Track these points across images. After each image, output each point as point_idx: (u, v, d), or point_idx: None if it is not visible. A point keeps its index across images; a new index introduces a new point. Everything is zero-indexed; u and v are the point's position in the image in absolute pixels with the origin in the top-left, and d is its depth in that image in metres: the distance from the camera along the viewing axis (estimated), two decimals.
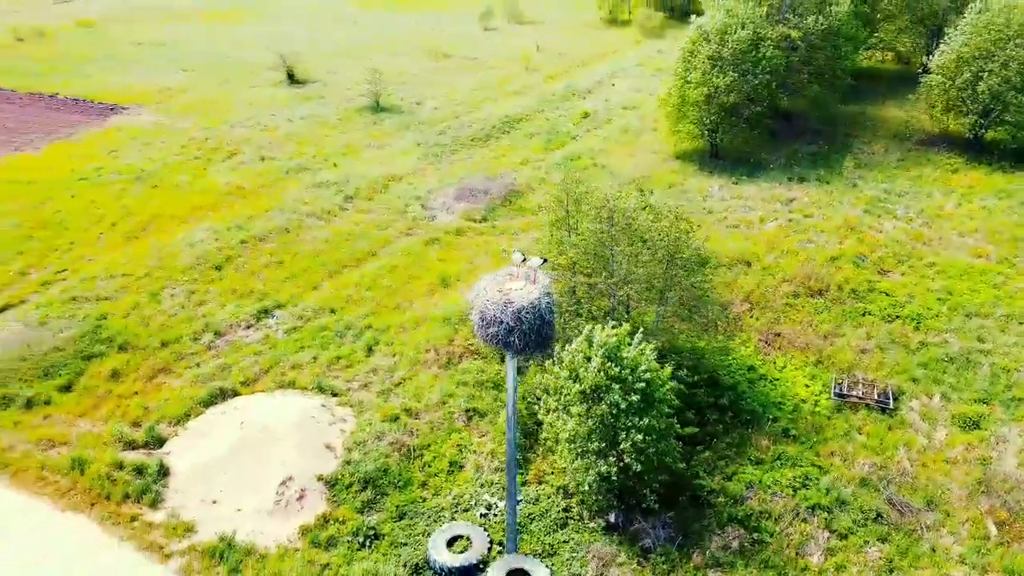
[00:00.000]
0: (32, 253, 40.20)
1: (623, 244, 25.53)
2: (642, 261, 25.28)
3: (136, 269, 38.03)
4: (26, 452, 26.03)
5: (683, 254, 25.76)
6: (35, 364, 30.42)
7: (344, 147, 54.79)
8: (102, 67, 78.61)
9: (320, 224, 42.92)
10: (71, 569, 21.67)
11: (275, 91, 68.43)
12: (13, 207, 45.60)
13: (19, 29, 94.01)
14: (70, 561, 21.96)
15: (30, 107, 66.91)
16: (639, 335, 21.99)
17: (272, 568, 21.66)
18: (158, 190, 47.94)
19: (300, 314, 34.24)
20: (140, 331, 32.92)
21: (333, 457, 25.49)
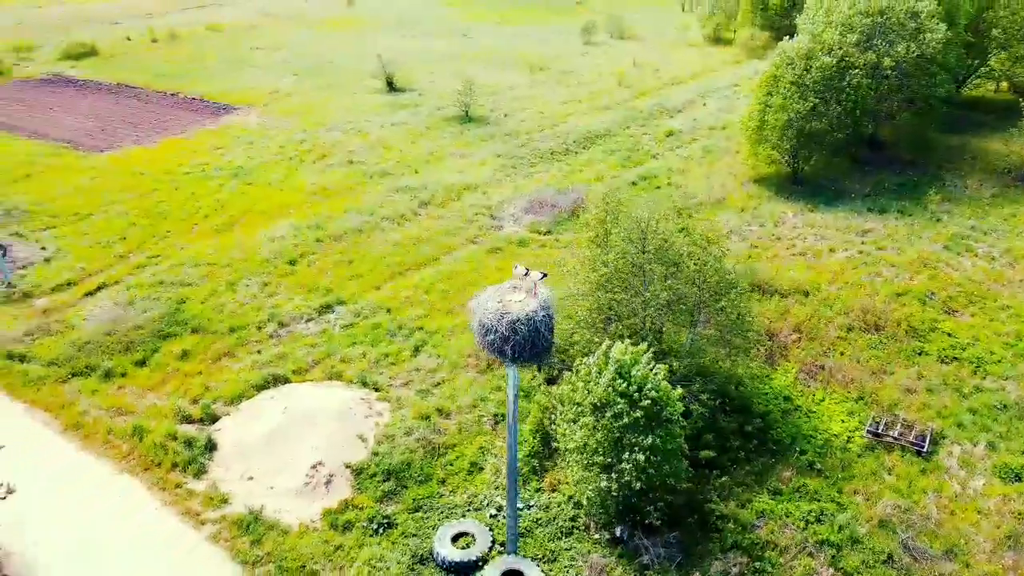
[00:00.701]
0: (133, 239, 44.05)
1: (654, 266, 25.97)
2: (671, 284, 25.63)
3: (220, 259, 41.07)
4: (97, 417, 28.89)
5: (709, 278, 25.94)
6: (118, 339, 33.53)
7: (429, 154, 56.93)
8: (222, 69, 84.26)
9: (392, 227, 44.98)
10: (116, 525, 24.03)
11: (373, 97, 71.64)
12: (124, 196, 49.97)
13: (155, 31, 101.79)
14: (116, 518, 24.34)
15: (154, 104, 72.60)
16: (648, 354, 22.45)
17: (290, 544, 23.34)
18: (252, 187, 51.37)
19: (358, 311, 36.15)
20: (213, 316, 35.67)
21: (364, 447, 27.04)
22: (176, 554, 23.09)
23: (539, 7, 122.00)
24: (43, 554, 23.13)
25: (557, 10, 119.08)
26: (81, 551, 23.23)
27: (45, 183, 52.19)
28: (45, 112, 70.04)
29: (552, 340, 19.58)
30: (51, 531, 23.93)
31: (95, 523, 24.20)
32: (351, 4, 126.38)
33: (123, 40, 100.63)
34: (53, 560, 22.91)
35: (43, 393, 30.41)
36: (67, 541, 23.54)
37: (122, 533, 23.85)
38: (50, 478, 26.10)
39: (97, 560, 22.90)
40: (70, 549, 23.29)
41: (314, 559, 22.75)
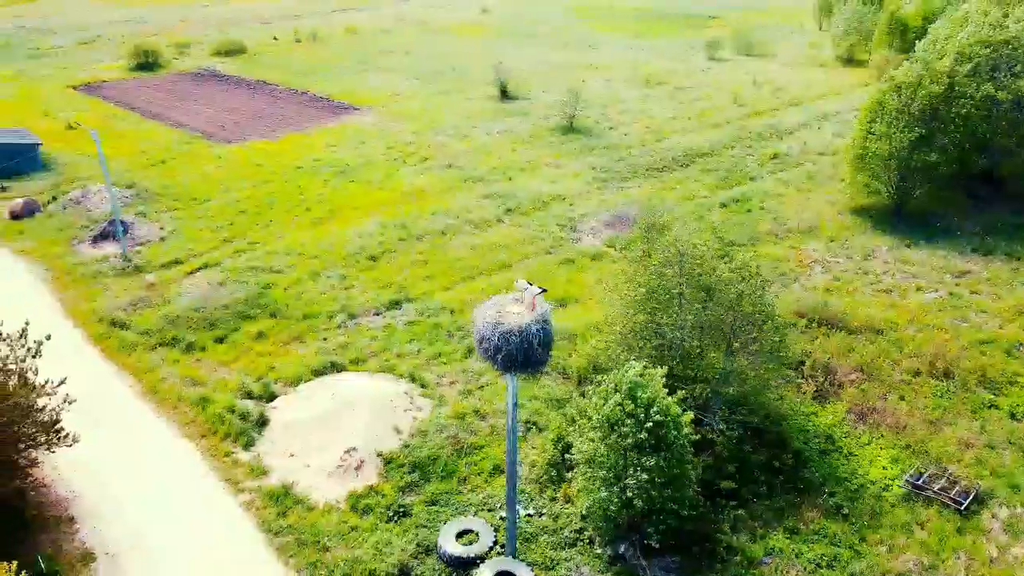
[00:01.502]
0: (239, 225, 47.80)
1: (687, 291, 26.01)
2: (700, 309, 25.60)
3: (309, 250, 43.94)
4: (172, 385, 31.92)
5: (745, 307, 25.67)
6: (204, 317, 36.73)
7: (526, 163, 58.25)
8: (351, 70, 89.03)
9: (474, 232, 46.52)
10: (167, 484, 26.61)
11: (486, 104, 73.79)
12: (240, 185, 54.20)
13: (299, 32, 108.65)
14: (169, 477, 26.94)
15: (284, 100, 77.80)
16: (661, 377, 22.66)
17: (312, 519, 25.11)
18: (353, 184, 54.40)
19: (423, 310, 37.82)
20: (292, 303, 38.34)
21: (398, 439, 28.54)
22: (211, 516, 25.33)
23: (674, 22, 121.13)
24: (105, 498, 25.97)
25: (693, 24, 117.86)
26: (134, 502, 25.90)
27: (175, 169, 57.34)
28: (190, 104, 76.58)
29: (547, 355, 20.22)
30: (114, 480, 26.79)
31: (150, 480, 26.88)
32: (485, 12, 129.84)
33: (270, 40, 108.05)
34: (112, 506, 25.68)
35: (132, 358, 33.87)
36: (125, 491, 26.30)
37: (171, 491, 26.37)
38: (122, 433, 29.16)
39: (145, 511, 25.47)
40: (126, 498, 26.02)
41: (329, 536, 24.39)
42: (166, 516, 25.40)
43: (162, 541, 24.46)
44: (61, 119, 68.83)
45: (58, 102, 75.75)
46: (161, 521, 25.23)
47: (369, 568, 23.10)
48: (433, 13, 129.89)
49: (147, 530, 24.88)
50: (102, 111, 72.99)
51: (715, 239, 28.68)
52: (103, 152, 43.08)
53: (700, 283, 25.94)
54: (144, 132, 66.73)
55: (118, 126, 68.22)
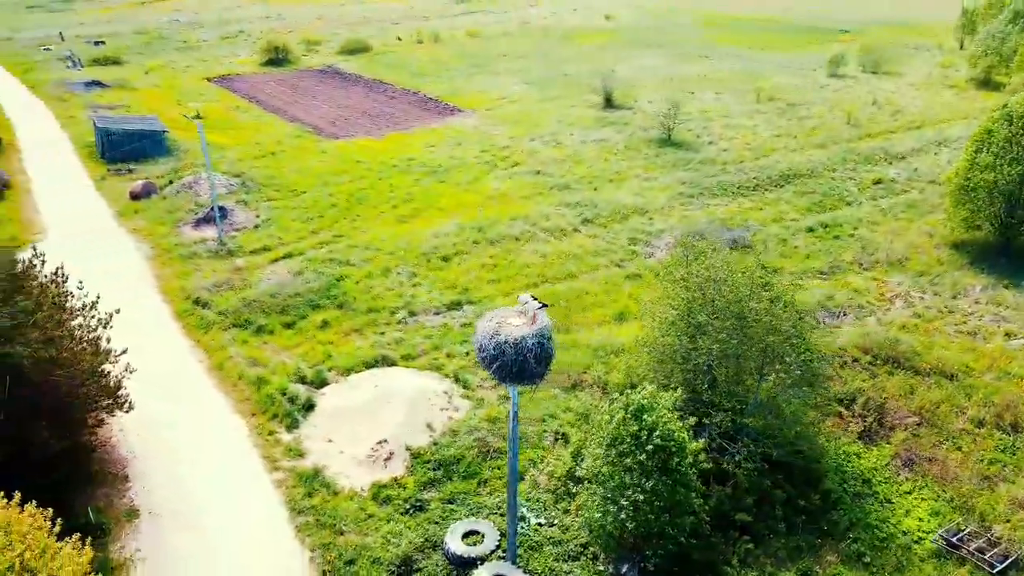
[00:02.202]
0: (328, 218, 50.40)
1: (719, 319, 25.64)
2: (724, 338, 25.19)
3: (387, 247, 45.82)
4: (237, 364, 34.30)
5: (773, 340, 25.03)
6: (278, 302, 39.13)
7: (615, 173, 58.24)
8: (464, 72, 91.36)
9: (548, 239, 47.09)
10: (214, 456, 28.77)
11: (587, 112, 74.10)
12: (337, 180, 57.03)
13: (422, 33, 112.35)
14: (216, 450, 29.11)
15: (396, 100, 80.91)
16: (670, 401, 22.59)
17: (334, 503, 26.51)
18: (442, 185, 56.11)
19: (481, 312, 38.67)
20: (360, 296, 40.20)
21: (428, 435, 29.60)
22: (246, 490, 27.19)
23: (802, 35, 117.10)
24: (158, 461, 28.41)
25: (821, 38, 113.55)
26: (182, 468, 28.18)
27: (282, 161, 60.96)
28: (309, 99, 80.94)
29: (543, 369, 20.58)
30: (169, 446, 29.23)
31: (199, 449, 29.14)
32: (609, 18, 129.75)
33: (394, 40, 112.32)
34: (162, 469, 28.06)
35: (208, 336, 36.62)
36: (176, 457, 28.64)
37: (215, 462, 28.50)
38: (185, 404, 31.68)
39: (189, 477, 27.68)
40: (175, 463, 28.35)
41: (345, 521, 25.70)
42: (206, 484, 27.48)
43: (198, 506, 26.54)
44: (191, 108, 74.34)
45: (192, 92, 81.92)
46: (201, 488, 27.33)
47: (375, 555, 24.21)
48: (558, 19, 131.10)
49: (187, 495, 27.03)
50: (229, 102, 78.36)
51: (757, 266, 27.97)
52: (214, 142, 46.61)
53: (731, 311, 25.52)
54: (262, 124, 71.21)
55: (240, 117, 73.13)
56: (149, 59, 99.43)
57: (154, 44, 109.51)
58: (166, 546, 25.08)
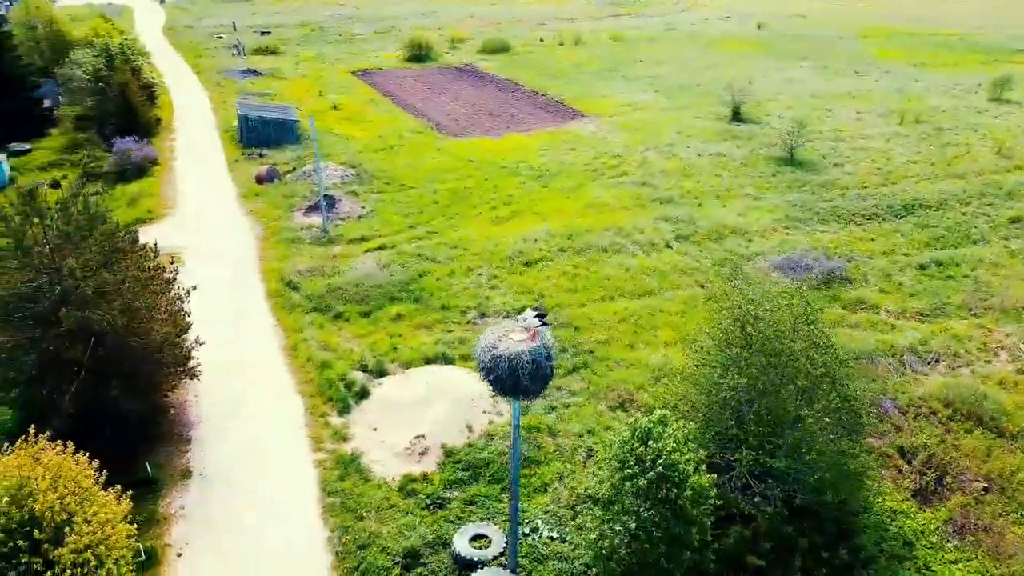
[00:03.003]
0: (427, 213, 52.30)
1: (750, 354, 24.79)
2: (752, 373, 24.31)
3: (475, 247, 47.04)
4: (309, 346, 36.54)
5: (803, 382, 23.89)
6: (359, 292, 41.21)
7: (723, 190, 56.68)
8: (596, 77, 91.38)
9: (636, 253, 46.64)
10: (266, 429, 30.97)
11: (712, 124, 72.33)
12: (445, 177, 58.94)
13: (564, 35, 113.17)
14: (269, 424, 31.31)
15: (523, 101, 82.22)
16: (675, 428, 22.26)
17: (363, 489, 27.89)
18: (544, 190, 56.72)
19: (550, 320, 39.11)
20: (437, 292, 41.61)
21: (466, 436, 30.46)
22: (288, 466, 29.10)
23: (973, 52, 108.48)
24: (217, 428, 30.95)
25: (994, 57, 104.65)
26: (237, 437, 30.56)
27: (398, 155, 63.69)
28: (439, 96, 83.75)
29: (537, 386, 20.81)
30: (231, 415, 31.75)
31: (257, 422, 31.46)
32: (761, 27, 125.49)
33: (535, 41, 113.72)
34: (219, 436, 30.55)
35: (290, 317, 39.18)
36: (235, 427, 31.10)
37: (267, 437, 30.67)
38: (255, 378, 34.20)
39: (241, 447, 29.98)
40: (233, 432, 30.79)
41: (368, 508, 27.01)
42: (255, 456, 29.66)
43: (243, 474, 28.72)
44: (330, 100, 79.01)
45: (335, 84, 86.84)
46: (250, 459, 29.53)
47: (385, 544, 25.36)
48: (707, 25, 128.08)
49: (237, 463, 29.30)
50: (365, 95, 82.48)
51: (802, 303, 26.63)
52: (342, 133, 49.43)
53: (765, 348, 24.62)
54: (390, 118, 74.54)
55: (371, 110, 76.88)
56: (304, 50, 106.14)
57: (312, 36, 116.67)
58: (207, 506, 27.38)
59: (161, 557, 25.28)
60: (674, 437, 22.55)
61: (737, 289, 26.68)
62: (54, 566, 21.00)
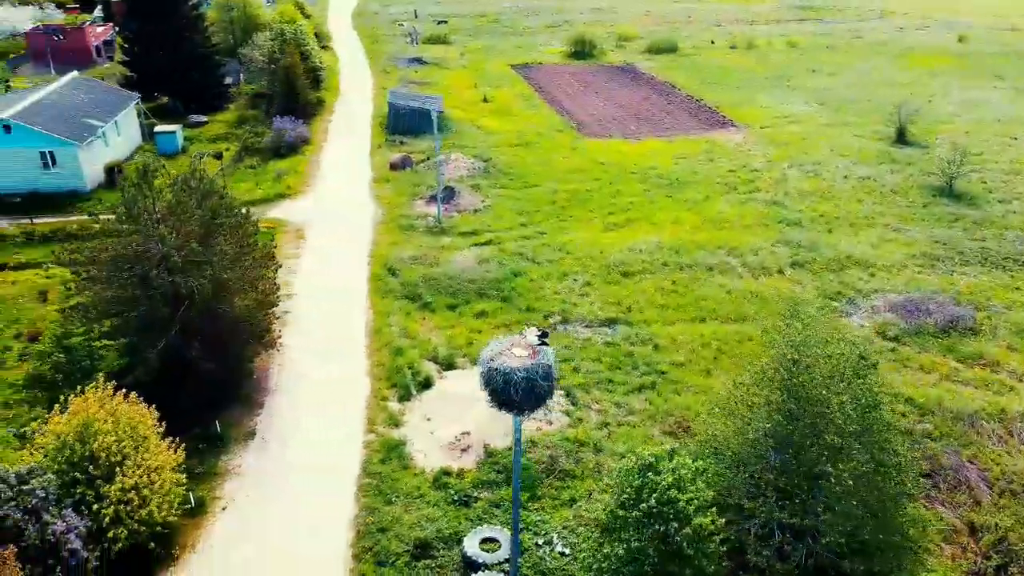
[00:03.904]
0: (543, 213, 52.78)
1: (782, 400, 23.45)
2: (788, 426, 22.97)
3: (578, 252, 47.03)
4: (391, 331, 38.42)
5: (832, 439, 22.24)
6: (452, 285, 42.54)
7: (862, 218, 52.98)
8: (758, 85, 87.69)
9: (743, 276, 44.77)
10: (330, 405, 33.08)
11: (872, 145, 67.60)
12: (571, 178, 59.13)
13: (736, 38, 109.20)
14: (334, 401, 33.38)
15: (674, 105, 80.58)
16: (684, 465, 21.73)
17: (398, 475, 29.17)
18: (668, 200, 55.53)
19: (630, 336, 38.61)
20: (526, 294, 42.16)
21: (510, 439, 30.92)
22: (338, 443, 30.93)
23: None
24: (289, 397, 33.46)
25: None
26: (303, 407, 32.91)
27: (531, 152, 64.57)
28: (591, 95, 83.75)
29: (531, 403, 20.86)
30: (303, 387, 34.21)
31: (324, 396, 33.68)
32: (962, 40, 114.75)
33: (706, 43, 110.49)
34: (289, 404, 33.03)
35: (383, 301, 41.32)
36: (303, 398, 33.51)
37: (329, 414, 32.77)
38: (335, 355, 36.52)
39: (305, 417, 32.31)
40: (301, 401, 33.17)
41: (397, 494, 28.29)
42: (313, 428, 31.85)
43: (298, 444, 30.98)
44: (481, 92, 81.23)
45: (493, 76, 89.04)
46: (310, 429, 31.79)
47: (400, 532, 26.52)
48: (900, 35, 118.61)
49: (296, 431, 31.63)
50: (516, 90, 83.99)
51: (854, 354, 24.55)
52: (485, 126, 51.32)
53: (798, 395, 23.22)
54: (535, 114, 75.56)
55: (519, 105, 78.28)
56: (472, 41, 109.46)
57: (485, 28, 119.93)
58: (260, 467, 29.83)
59: (208, 507, 27.87)
60: (677, 474, 22.00)
61: (790, 327, 25.26)
62: (103, 500, 23.86)
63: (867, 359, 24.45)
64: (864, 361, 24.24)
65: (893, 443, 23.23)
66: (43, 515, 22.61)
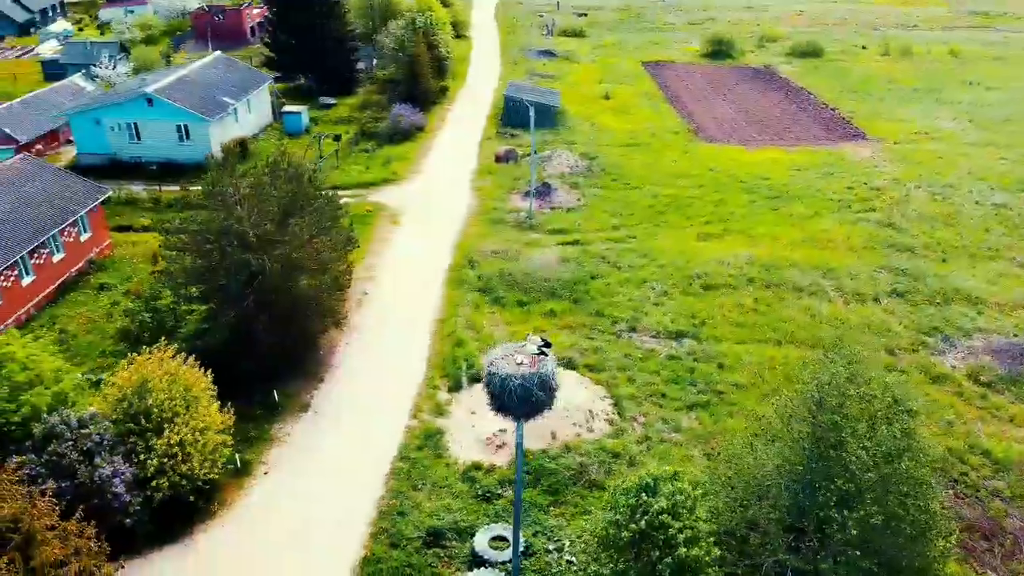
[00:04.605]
0: (637, 217, 52.06)
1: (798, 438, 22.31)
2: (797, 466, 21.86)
3: (662, 259, 46.12)
4: (457, 321, 39.40)
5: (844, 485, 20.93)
6: (526, 281, 42.82)
7: (985, 249, 48.81)
8: (903, 96, 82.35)
9: (834, 301, 42.43)
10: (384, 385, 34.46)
11: (1016, 169, 61.96)
12: (675, 183, 57.88)
13: (891, 44, 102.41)
14: (389, 381, 34.74)
15: (804, 113, 77.07)
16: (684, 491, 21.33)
17: (431, 463, 30.07)
18: (772, 214, 53.29)
19: (696, 352, 37.63)
20: (599, 298, 41.84)
21: (547, 442, 31.18)
22: (383, 423, 32.24)
23: None
24: (346, 374, 35.13)
25: None
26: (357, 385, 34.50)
27: (641, 153, 63.66)
28: (717, 97, 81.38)
29: (521, 410, 21.03)
30: (361, 366, 35.76)
31: (380, 377, 35.12)
32: None
33: (855, 47, 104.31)
34: (345, 379, 34.70)
35: (456, 291, 42.36)
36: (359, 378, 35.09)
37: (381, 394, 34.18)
38: (400, 339, 37.98)
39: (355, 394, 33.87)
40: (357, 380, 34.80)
41: (425, 481, 29.24)
42: (362, 408, 33.32)
43: (346, 421, 32.59)
44: (604, 89, 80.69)
45: (620, 73, 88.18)
46: (358, 409, 33.29)
47: (418, 518, 27.43)
48: None
49: (346, 409, 33.24)
50: (642, 88, 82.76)
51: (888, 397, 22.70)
52: (601, 124, 51.61)
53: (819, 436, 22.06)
54: (654, 114, 74.30)
55: (640, 104, 77.20)
56: (608, 35, 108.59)
57: (625, 22, 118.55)
58: (307, 438, 31.63)
59: (252, 470, 29.92)
60: (674, 499, 21.60)
61: (829, 362, 23.98)
62: (151, 452, 26.20)
63: (901, 404, 22.85)
64: (897, 406, 22.68)
65: (920, 497, 21.62)
66: (95, 458, 25.11)
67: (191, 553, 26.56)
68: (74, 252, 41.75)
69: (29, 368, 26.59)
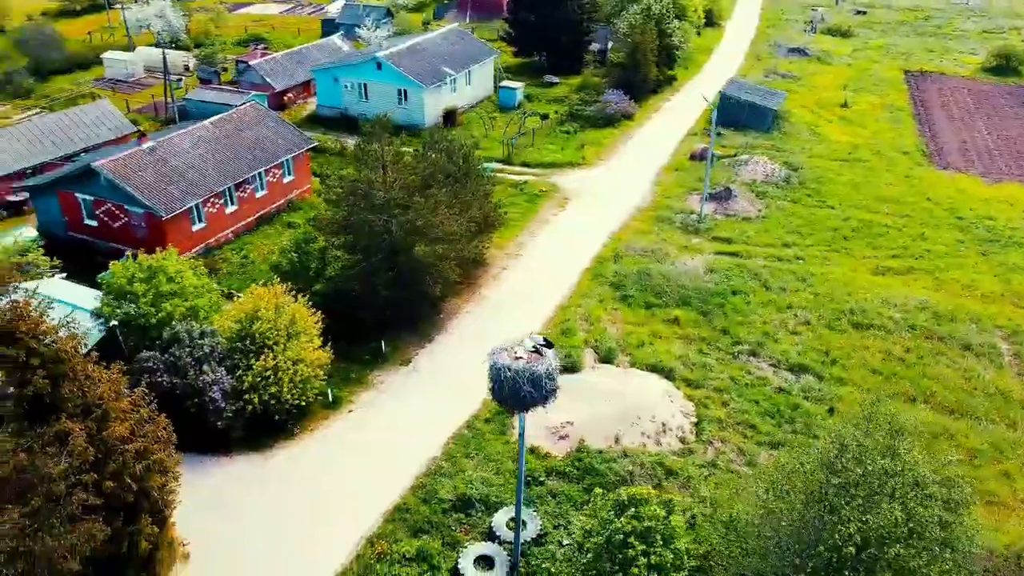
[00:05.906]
0: (816, 238, 48.67)
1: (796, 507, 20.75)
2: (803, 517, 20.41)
3: (823, 287, 42.69)
4: (575, 312, 40.17)
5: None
6: (659, 285, 42.04)
7: None
8: None
9: (1003, 367, 37.28)
10: (460, 372, 36.36)
11: None
12: (878, 207, 53.23)
13: None
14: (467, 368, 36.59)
15: None
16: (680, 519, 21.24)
17: (491, 437, 31.71)
18: (978, 257, 47.42)
19: (812, 389, 35.13)
20: (731, 315, 40.10)
21: (606, 443, 31.39)
22: (468, 395, 33.96)
23: None
24: (456, 344, 37.54)
25: None
26: (458, 358, 36.57)
27: (853, 171, 58.72)
28: (978, 119, 72.19)
29: (511, 402, 21.77)
30: (473, 337, 37.88)
31: (488, 348, 37.03)
32: None
33: None
34: (452, 349, 37.12)
35: (585, 283, 42.98)
36: (466, 349, 37.06)
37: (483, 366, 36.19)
38: (523, 313, 39.20)
39: (449, 366, 35.51)
40: (457, 351, 37.02)
41: (479, 452, 30.97)
42: (455, 374, 35.48)
43: (439, 382, 35.17)
44: (844, 96, 74.62)
45: (870, 80, 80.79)
46: (451, 374, 35.62)
47: (457, 484, 29.25)
48: None
49: (440, 373, 35.85)
50: (890, 99, 75.27)
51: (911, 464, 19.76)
52: (824, 134, 50.17)
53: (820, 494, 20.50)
54: (891, 130, 67.63)
55: (879, 116, 70.60)
56: (879, 37, 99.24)
57: (907, 24, 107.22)
58: (396, 389, 34.78)
59: (341, 406, 33.57)
60: (645, 524, 21.51)
61: (866, 429, 22.05)
62: (249, 371, 30.63)
63: (923, 487, 20.39)
64: (920, 490, 20.30)
65: None
66: (204, 365, 29.95)
67: (268, 460, 30.75)
68: (275, 191, 48.28)
69: (175, 281, 32.06)
